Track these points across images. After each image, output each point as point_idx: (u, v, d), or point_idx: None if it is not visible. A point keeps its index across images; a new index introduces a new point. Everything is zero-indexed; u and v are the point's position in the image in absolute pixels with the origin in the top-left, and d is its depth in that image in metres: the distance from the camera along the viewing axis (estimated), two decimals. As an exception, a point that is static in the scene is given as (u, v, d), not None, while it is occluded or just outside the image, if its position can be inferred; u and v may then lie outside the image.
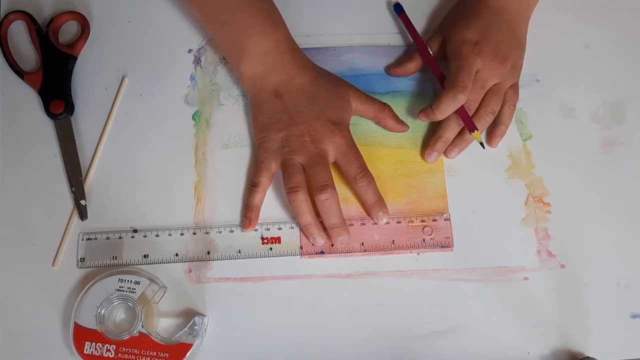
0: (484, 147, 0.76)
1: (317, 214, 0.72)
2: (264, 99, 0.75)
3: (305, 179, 0.72)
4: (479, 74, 0.75)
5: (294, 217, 0.73)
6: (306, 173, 0.72)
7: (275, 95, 0.74)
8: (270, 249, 0.73)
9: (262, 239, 0.73)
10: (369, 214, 0.74)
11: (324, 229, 0.73)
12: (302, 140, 0.72)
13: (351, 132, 0.75)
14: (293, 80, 0.74)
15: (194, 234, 0.73)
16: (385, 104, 0.77)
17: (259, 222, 0.74)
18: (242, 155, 0.76)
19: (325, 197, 0.70)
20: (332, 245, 0.73)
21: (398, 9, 0.82)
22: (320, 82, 0.75)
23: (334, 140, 0.73)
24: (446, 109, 0.73)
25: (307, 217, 0.72)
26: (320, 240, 0.72)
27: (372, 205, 0.73)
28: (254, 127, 0.76)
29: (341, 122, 0.74)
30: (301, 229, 0.73)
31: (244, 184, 0.75)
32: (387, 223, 0.74)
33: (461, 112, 0.75)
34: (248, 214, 0.73)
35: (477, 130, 0.74)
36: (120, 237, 0.73)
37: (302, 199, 0.71)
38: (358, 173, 0.72)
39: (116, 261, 0.72)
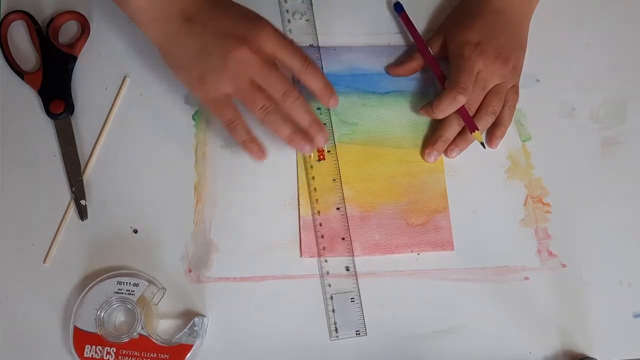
0: (484, 147, 0.76)
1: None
2: (176, 31, 0.67)
3: (265, 94, 0.68)
4: (480, 74, 0.75)
5: (275, 135, 0.70)
6: (262, 87, 0.68)
7: (186, 20, 0.67)
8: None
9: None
10: (321, 102, 0.71)
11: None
12: (239, 53, 0.66)
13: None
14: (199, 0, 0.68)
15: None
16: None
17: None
18: (242, 154, 0.76)
19: (292, 101, 0.68)
20: (315, 150, 0.73)
21: (398, 8, 0.82)
22: None
23: (267, 36, 0.67)
24: (446, 109, 0.74)
25: (287, 129, 0.69)
26: (308, 147, 0.69)
27: (322, 90, 0.70)
28: (176, 69, 0.70)
29: (264, 20, 0.68)
30: (288, 143, 0.70)
31: (244, 184, 0.75)
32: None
33: (462, 112, 0.75)
34: (251, 147, 0.71)
35: (478, 130, 0.74)
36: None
37: (276, 117, 0.68)
38: (303, 64, 0.68)
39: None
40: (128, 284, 0.68)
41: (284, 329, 0.70)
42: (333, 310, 0.71)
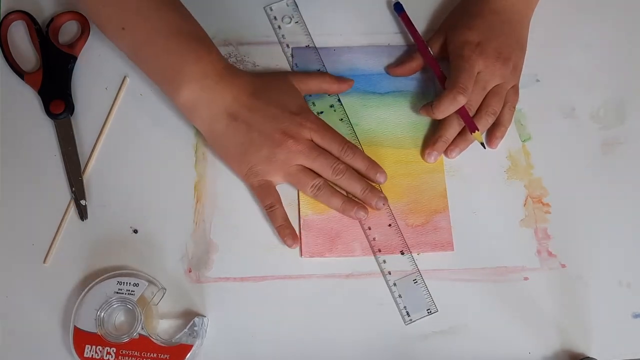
0: (485, 148, 0.76)
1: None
2: (223, 129, 0.72)
3: (315, 173, 0.74)
4: (481, 74, 0.75)
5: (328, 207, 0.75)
6: (311, 169, 0.73)
7: (232, 119, 0.72)
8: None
9: None
10: (370, 180, 0.75)
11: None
12: (287, 146, 0.72)
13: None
14: (240, 96, 0.72)
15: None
16: (321, 73, 0.79)
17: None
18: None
19: (342, 176, 0.73)
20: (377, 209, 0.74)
21: (398, 8, 0.82)
22: (264, 84, 0.75)
23: (308, 128, 0.73)
24: (446, 109, 0.74)
25: (338, 199, 0.74)
26: (362, 212, 0.73)
27: (366, 170, 0.74)
28: (227, 161, 0.75)
29: (302, 109, 0.74)
30: (342, 212, 0.74)
31: (244, 184, 0.75)
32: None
33: (462, 112, 0.75)
34: (284, 232, 0.73)
35: (478, 130, 0.74)
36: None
37: (326, 191, 0.73)
38: (341, 150, 0.73)
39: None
40: (128, 284, 0.68)
41: (283, 329, 0.70)
42: (400, 296, 0.71)
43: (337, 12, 0.83)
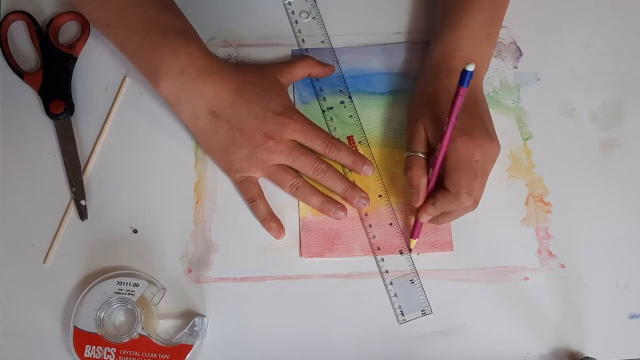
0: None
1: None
2: (205, 125, 0.72)
3: (295, 172, 0.74)
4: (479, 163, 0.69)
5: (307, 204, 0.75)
6: (292, 168, 0.74)
7: (213, 117, 0.72)
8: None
9: None
10: (357, 173, 0.75)
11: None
12: (267, 146, 0.72)
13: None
14: (221, 94, 0.71)
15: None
16: (304, 57, 0.79)
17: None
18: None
19: (323, 175, 0.73)
20: (360, 209, 0.75)
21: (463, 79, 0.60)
22: (247, 80, 0.73)
23: (291, 128, 0.72)
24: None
25: (317, 199, 0.74)
26: (341, 213, 0.74)
27: (353, 164, 0.74)
28: (210, 155, 0.75)
29: (286, 108, 0.74)
30: (321, 212, 0.74)
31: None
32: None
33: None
34: (269, 225, 0.73)
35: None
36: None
37: (305, 191, 0.74)
38: (325, 147, 0.73)
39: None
40: (128, 284, 0.68)
41: (283, 329, 0.71)
42: (395, 295, 0.72)
43: (337, 13, 0.83)
